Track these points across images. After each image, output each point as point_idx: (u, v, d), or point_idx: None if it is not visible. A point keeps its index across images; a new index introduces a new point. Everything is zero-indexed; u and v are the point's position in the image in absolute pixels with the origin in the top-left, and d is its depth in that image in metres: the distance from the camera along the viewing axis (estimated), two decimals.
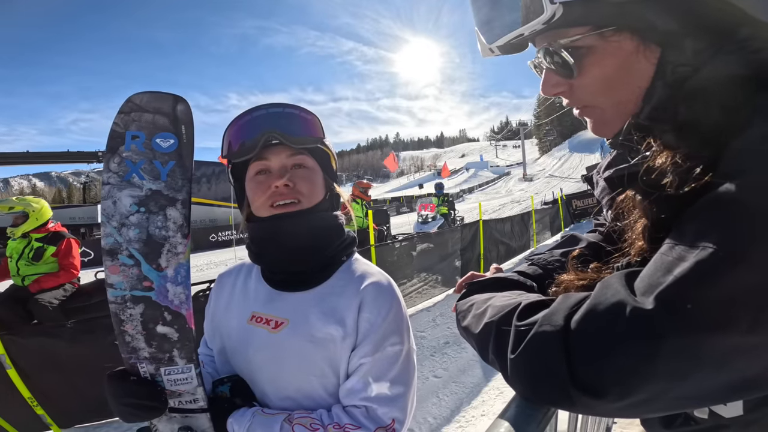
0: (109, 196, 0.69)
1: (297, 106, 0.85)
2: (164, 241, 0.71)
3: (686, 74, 0.47)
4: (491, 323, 0.55)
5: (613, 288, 0.43)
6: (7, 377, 2.55)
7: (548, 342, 0.45)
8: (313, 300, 0.82)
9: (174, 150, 0.71)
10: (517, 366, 0.48)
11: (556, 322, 0.45)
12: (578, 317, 0.43)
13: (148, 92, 0.71)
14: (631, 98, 0.52)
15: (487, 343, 0.55)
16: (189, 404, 0.77)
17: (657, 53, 0.49)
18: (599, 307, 0.42)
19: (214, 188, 17.61)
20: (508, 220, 8.77)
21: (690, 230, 0.40)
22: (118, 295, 0.71)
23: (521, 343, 0.48)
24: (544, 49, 0.55)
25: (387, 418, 0.75)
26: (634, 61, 0.50)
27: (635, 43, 0.49)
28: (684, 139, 0.46)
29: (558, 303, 0.48)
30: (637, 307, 0.39)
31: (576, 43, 0.51)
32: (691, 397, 0.40)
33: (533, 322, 0.48)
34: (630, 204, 0.52)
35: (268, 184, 0.81)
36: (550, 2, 0.48)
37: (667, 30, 0.47)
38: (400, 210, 28.44)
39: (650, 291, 0.39)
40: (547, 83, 0.57)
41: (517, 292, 0.63)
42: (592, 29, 0.50)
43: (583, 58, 0.52)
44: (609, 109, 0.54)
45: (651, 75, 0.50)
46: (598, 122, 0.57)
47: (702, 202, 0.41)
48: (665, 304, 0.37)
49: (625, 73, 0.51)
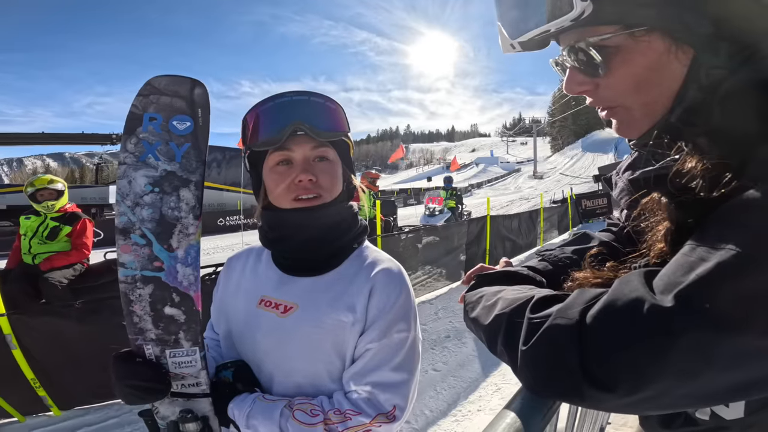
0: (125, 176, 0.70)
1: (322, 94, 0.83)
2: (176, 221, 0.72)
3: (721, 77, 0.46)
4: (502, 315, 0.55)
5: (632, 285, 0.43)
6: (12, 358, 2.53)
7: (562, 334, 0.45)
8: (324, 286, 0.82)
9: (190, 132, 0.72)
10: (528, 358, 0.48)
11: (571, 315, 0.45)
12: (595, 312, 0.44)
13: (167, 75, 0.72)
14: (660, 99, 0.50)
15: (497, 334, 0.55)
16: (191, 388, 0.78)
17: (690, 54, 0.48)
18: (617, 302, 0.43)
19: (223, 173, 17.72)
20: (516, 216, 8.71)
21: (713, 233, 0.41)
22: (128, 274, 0.72)
23: (534, 335, 0.48)
24: (569, 47, 0.53)
25: (388, 404, 0.75)
26: (665, 62, 0.48)
27: (667, 44, 0.48)
28: (716, 143, 0.46)
29: (573, 297, 0.48)
30: (656, 304, 0.39)
31: (605, 42, 0.50)
32: (699, 395, 0.41)
33: (547, 314, 0.48)
34: (654, 206, 0.52)
35: (290, 176, 0.80)
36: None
37: (701, 32, 0.46)
38: (408, 202, 28.37)
39: (670, 289, 0.39)
40: (572, 81, 0.56)
41: (528, 286, 0.63)
42: (622, 28, 0.48)
43: (611, 56, 0.50)
44: (637, 110, 0.53)
45: (683, 76, 0.48)
46: (624, 123, 0.55)
47: (727, 206, 0.41)
48: (684, 302, 0.38)
49: (654, 73, 0.49)
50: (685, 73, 0.48)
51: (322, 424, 0.72)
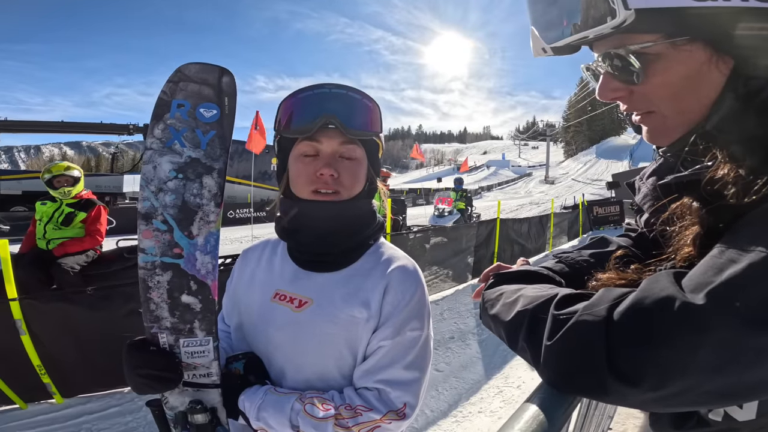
0: (150, 161, 0.71)
1: (361, 91, 0.82)
2: (198, 208, 0.72)
3: (759, 87, 0.46)
4: (525, 311, 0.56)
5: (662, 283, 0.44)
6: (20, 343, 2.50)
7: (589, 330, 0.45)
8: (339, 281, 0.82)
9: (216, 120, 0.72)
10: (553, 352, 0.49)
11: (598, 312, 0.46)
12: (623, 308, 0.44)
13: (197, 63, 0.72)
14: (696, 107, 0.50)
15: (519, 330, 0.56)
16: (202, 378, 0.78)
17: (730, 64, 0.47)
18: (646, 300, 0.43)
19: (236, 166, 17.88)
20: (526, 221, 8.65)
21: (744, 236, 0.42)
22: (148, 260, 0.72)
23: (559, 330, 0.48)
24: (605, 53, 0.53)
25: (399, 402, 0.75)
26: (705, 71, 0.48)
27: (708, 54, 0.48)
28: (751, 152, 0.46)
29: (600, 295, 0.49)
30: (687, 301, 0.40)
31: (645, 50, 0.50)
32: (722, 392, 0.41)
33: (573, 311, 0.49)
34: (684, 211, 0.53)
35: (314, 168, 0.80)
36: (624, 7, 0.46)
37: (743, 43, 0.46)
38: (417, 201, 28.34)
39: (700, 288, 0.40)
40: (606, 87, 0.55)
41: (547, 285, 0.63)
42: (663, 37, 0.48)
43: (650, 64, 0.50)
44: (671, 117, 0.53)
45: (721, 85, 0.48)
46: (657, 130, 0.55)
47: (757, 211, 0.43)
48: (715, 300, 0.39)
49: (693, 82, 0.49)
50: (723, 83, 0.48)
51: (332, 419, 0.72)
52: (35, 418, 2.59)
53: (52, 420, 2.58)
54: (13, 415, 2.58)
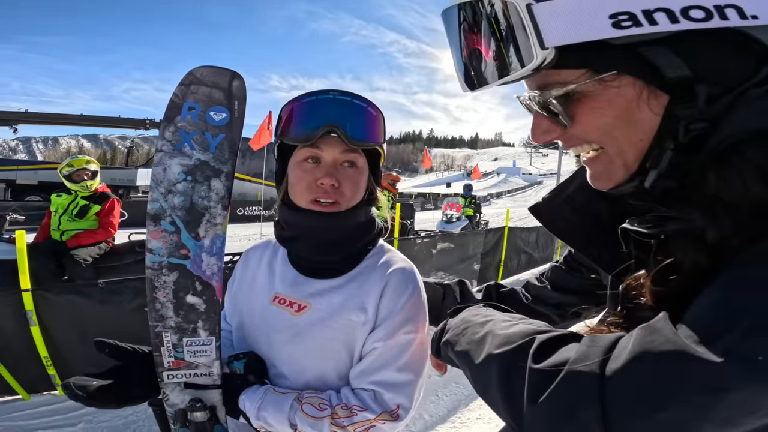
0: (161, 163, 0.72)
1: (366, 98, 0.80)
2: (205, 210, 0.73)
3: (703, 133, 0.41)
4: (495, 357, 0.49)
5: (663, 335, 0.38)
6: (29, 334, 2.49)
7: (582, 393, 0.39)
8: (338, 286, 0.82)
9: (225, 124, 0.73)
10: (540, 416, 0.42)
11: (590, 369, 0.39)
12: (620, 366, 0.38)
13: (209, 66, 0.73)
14: (631, 150, 0.46)
15: (489, 379, 0.49)
16: (203, 378, 0.78)
17: (663, 101, 0.43)
18: (647, 356, 0.37)
19: (247, 164, 18.07)
20: (534, 230, 8.56)
21: (749, 279, 0.37)
22: (156, 260, 0.73)
23: (543, 390, 0.41)
24: (530, 95, 0.49)
25: (392, 403, 0.76)
26: (634, 110, 0.44)
27: (637, 90, 0.43)
28: (713, 218, 0.39)
29: (585, 347, 0.42)
30: (702, 358, 0.35)
31: (569, 90, 0.45)
32: None
33: (557, 367, 0.42)
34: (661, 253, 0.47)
35: (314, 176, 0.78)
36: (540, 47, 0.42)
37: (677, 76, 0.41)
38: (425, 206, 28.30)
39: (713, 341, 0.35)
40: (538, 129, 0.51)
41: (517, 316, 0.59)
42: (588, 74, 0.44)
43: (575, 105, 0.46)
44: (616, 156, 0.47)
45: (655, 127, 0.43)
46: (600, 173, 0.50)
47: (757, 251, 0.37)
48: (736, 356, 0.34)
49: (624, 122, 0.44)
50: (657, 123, 0.43)
51: (329, 418, 0.73)
52: (37, 409, 2.60)
53: (53, 411, 2.59)
54: (15, 405, 2.60)
